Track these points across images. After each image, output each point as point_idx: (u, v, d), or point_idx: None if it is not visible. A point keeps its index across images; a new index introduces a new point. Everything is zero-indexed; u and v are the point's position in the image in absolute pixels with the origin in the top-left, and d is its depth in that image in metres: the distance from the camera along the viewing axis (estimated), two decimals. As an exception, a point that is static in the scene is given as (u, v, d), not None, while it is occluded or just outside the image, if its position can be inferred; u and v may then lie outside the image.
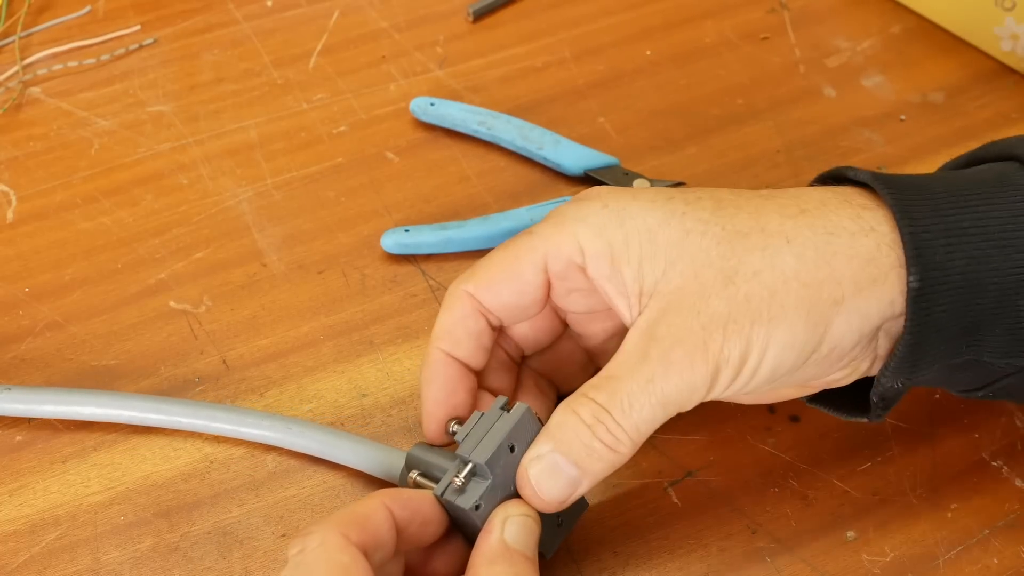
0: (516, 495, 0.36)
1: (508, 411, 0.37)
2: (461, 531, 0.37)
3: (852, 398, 0.39)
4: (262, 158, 0.53)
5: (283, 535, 0.41)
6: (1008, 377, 0.37)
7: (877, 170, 0.52)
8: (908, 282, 0.34)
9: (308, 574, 0.32)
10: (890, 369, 0.35)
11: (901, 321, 0.35)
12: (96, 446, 0.43)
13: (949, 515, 0.42)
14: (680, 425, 0.44)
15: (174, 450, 0.43)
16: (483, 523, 0.35)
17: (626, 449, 0.35)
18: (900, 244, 0.35)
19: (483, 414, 0.37)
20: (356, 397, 0.45)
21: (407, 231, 0.49)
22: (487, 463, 0.35)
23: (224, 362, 0.46)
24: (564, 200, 0.50)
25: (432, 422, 0.38)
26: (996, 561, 0.40)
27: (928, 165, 0.53)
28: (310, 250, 0.50)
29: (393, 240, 0.49)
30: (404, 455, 0.40)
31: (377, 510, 0.34)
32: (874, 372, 0.37)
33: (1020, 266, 0.35)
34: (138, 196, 0.51)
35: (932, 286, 0.34)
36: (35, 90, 0.56)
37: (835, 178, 0.39)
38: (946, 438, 0.44)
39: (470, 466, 0.35)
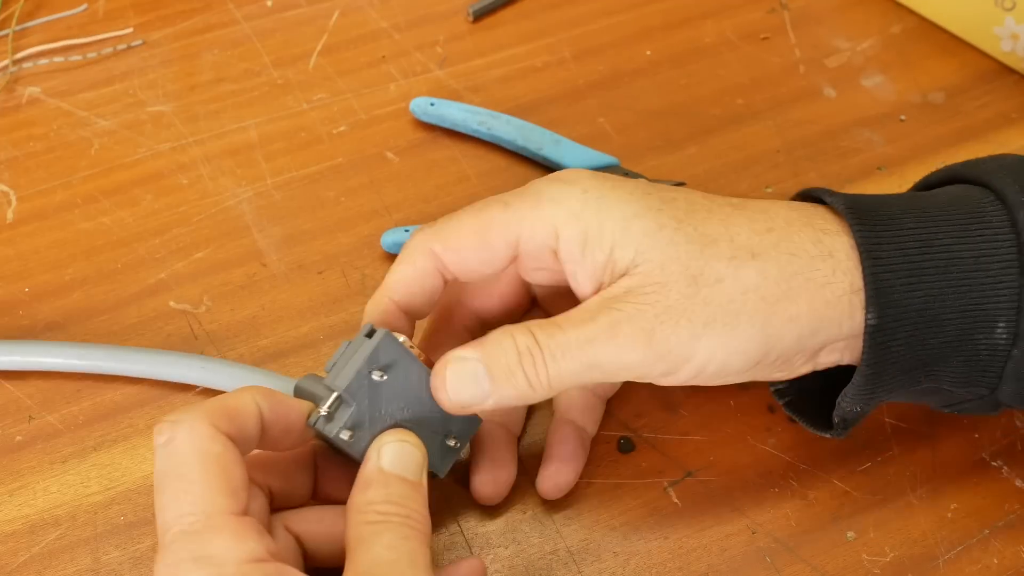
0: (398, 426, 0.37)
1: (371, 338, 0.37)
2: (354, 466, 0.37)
3: (819, 413, 0.40)
4: (262, 158, 0.53)
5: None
6: (969, 402, 0.38)
7: (876, 170, 0.53)
8: (866, 319, 0.36)
9: (180, 465, 0.32)
10: (848, 396, 0.37)
11: (846, 342, 0.37)
12: (96, 446, 0.43)
13: (949, 515, 0.42)
14: (680, 425, 0.44)
15: (174, 450, 0.43)
16: (362, 456, 0.36)
17: (541, 390, 0.36)
18: (853, 271, 0.36)
19: (350, 343, 0.37)
20: (356, 397, 0.45)
21: (407, 231, 0.49)
22: (346, 390, 0.35)
23: (224, 362, 0.46)
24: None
25: None
26: (996, 561, 0.40)
27: (928, 165, 0.53)
28: (310, 250, 0.50)
29: (393, 240, 0.49)
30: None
31: (247, 404, 0.34)
32: (813, 369, 0.38)
33: (978, 304, 0.36)
34: (138, 196, 0.51)
35: (889, 323, 0.36)
36: (35, 90, 0.56)
37: (811, 196, 0.40)
38: (946, 438, 0.44)
39: (335, 395, 0.36)
